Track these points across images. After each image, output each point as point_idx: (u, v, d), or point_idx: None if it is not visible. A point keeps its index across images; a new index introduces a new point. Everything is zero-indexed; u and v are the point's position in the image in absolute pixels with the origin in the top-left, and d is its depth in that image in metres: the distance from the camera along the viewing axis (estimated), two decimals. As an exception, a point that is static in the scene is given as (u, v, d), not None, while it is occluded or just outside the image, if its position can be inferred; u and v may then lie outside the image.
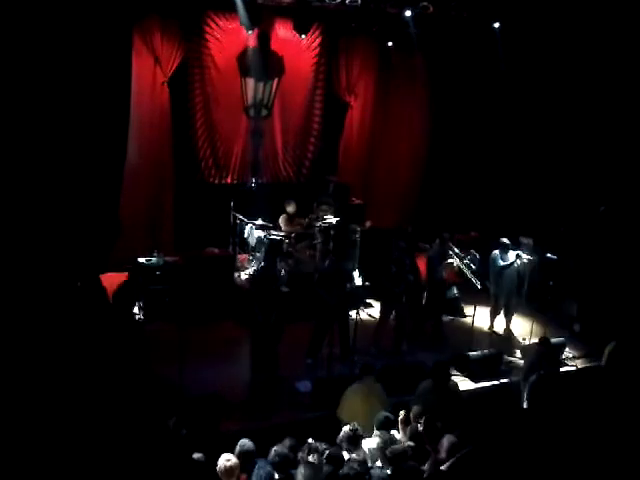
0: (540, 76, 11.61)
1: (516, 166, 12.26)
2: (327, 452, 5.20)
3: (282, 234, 10.47)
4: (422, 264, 9.61)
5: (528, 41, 11.43)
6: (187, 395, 6.86)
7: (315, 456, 5.13)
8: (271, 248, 9.17)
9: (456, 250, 9.56)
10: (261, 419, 7.13)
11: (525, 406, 7.06)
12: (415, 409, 6.01)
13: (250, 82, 11.61)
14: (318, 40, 11.99)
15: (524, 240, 10.08)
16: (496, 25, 11.29)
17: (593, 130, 11.09)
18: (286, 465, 5.05)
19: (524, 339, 9.61)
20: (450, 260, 9.43)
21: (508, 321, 9.94)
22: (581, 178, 11.21)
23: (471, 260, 9.44)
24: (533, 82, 11.75)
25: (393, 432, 5.86)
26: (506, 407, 7.37)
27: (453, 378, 7.39)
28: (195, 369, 7.52)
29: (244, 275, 10.41)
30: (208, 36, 11.02)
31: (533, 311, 10.12)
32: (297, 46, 11.83)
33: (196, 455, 5.05)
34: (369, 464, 5.36)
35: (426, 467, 5.29)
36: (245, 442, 5.22)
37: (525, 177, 12.12)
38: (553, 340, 8.55)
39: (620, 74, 10.52)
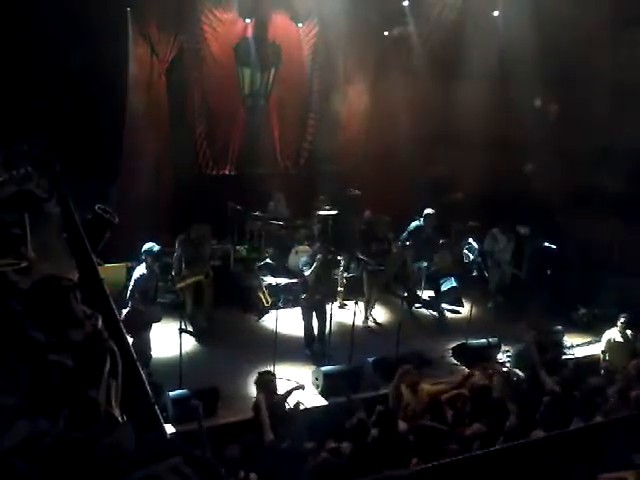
0: (538, 61, 11.52)
1: (515, 154, 12.20)
2: None
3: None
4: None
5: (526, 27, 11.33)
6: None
7: None
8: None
9: (453, 240, 9.56)
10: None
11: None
12: None
13: (247, 72, 11.58)
14: (315, 29, 11.94)
15: (521, 229, 10.05)
16: (495, 13, 11.24)
17: (592, 118, 11.03)
18: None
19: (522, 327, 9.59)
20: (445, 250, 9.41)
21: (500, 307, 9.90)
22: (578, 166, 11.17)
23: (468, 249, 9.41)
24: (531, 67, 11.65)
25: None
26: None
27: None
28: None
29: None
30: (205, 26, 10.96)
31: (530, 299, 10.09)
32: (294, 35, 11.79)
33: None
34: None
35: None
36: None
37: (524, 165, 12.07)
38: (550, 328, 8.55)
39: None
